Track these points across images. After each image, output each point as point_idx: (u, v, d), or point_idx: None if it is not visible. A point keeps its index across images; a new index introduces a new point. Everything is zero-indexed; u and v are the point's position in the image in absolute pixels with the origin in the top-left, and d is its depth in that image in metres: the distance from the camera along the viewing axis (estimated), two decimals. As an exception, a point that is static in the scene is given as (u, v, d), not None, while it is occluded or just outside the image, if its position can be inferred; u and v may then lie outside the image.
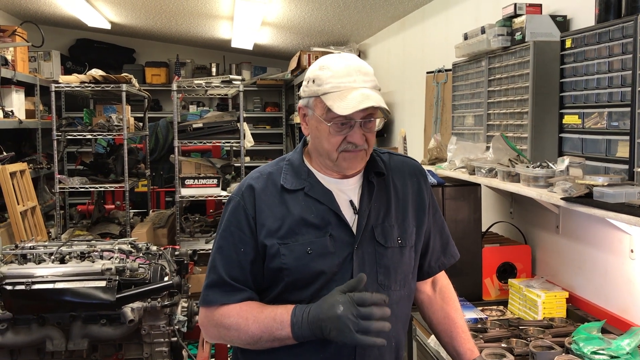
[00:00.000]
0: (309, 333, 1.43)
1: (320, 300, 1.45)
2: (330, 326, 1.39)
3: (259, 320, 1.49)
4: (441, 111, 4.03)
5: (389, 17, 5.23)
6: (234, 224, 1.58)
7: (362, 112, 1.49)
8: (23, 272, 2.88)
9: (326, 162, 1.59)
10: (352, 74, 1.51)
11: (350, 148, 1.53)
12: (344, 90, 1.49)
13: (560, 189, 2.08)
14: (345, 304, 1.38)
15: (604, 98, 2.10)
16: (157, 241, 5.43)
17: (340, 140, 1.52)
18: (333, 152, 1.54)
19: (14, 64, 5.43)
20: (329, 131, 1.52)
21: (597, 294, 2.50)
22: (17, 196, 4.91)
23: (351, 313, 1.37)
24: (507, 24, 2.71)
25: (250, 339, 1.51)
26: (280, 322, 1.46)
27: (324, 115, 1.52)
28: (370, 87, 1.52)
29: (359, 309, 1.37)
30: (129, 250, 3.17)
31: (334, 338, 1.39)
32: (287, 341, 1.47)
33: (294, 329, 1.44)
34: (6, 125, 5.13)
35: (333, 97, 1.49)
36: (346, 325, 1.37)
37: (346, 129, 1.52)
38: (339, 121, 1.50)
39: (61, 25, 7.63)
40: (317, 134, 1.57)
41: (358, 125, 1.52)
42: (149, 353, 3.04)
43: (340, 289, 1.43)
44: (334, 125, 1.51)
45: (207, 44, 8.05)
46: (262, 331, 1.48)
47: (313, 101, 1.56)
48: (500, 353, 2.09)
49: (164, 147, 7.55)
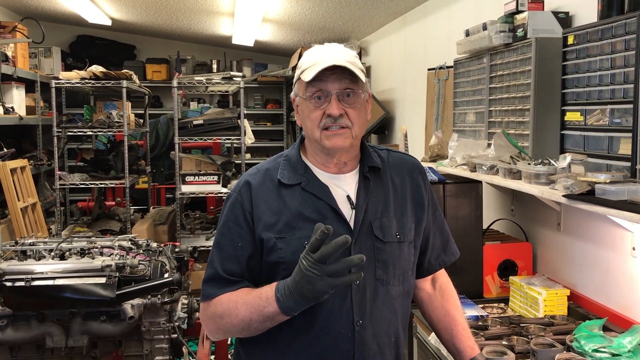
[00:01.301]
0: (292, 302, 1.43)
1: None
2: (303, 285, 1.39)
3: (247, 302, 1.51)
4: (442, 108, 4.03)
5: (390, 13, 5.22)
6: (232, 220, 1.60)
7: (338, 84, 1.55)
8: (23, 268, 2.88)
9: (315, 147, 1.62)
10: (330, 51, 1.59)
11: (329, 123, 1.56)
12: (318, 62, 1.55)
13: (561, 186, 2.07)
14: (303, 257, 1.40)
15: (606, 95, 2.09)
16: (157, 238, 5.43)
17: (320, 116, 1.57)
18: (315, 130, 1.58)
19: (15, 60, 5.42)
20: (309, 107, 1.58)
21: (599, 292, 2.49)
22: (18, 192, 4.90)
23: (309, 261, 1.37)
24: (508, 21, 2.70)
25: (241, 322, 1.52)
26: (265, 299, 1.47)
27: (304, 94, 1.59)
28: (344, 59, 1.56)
29: (312, 255, 1.37)
30: (129, 246, 3.16)
31: (313, 294, 1.39)
32: (277, 318, 1.47)
33: (280, 302, 1.45)
34: (7, 121, 5.12)
35: (307, 71, 1.56)
36: (312, 274, 1.37)
37: (324, 103, 1.57)
38: (315, 94, 1.56)
39: (62, 21, 7.62)
40: (303, 117, 1.63)
41: (335, 98, 1.56)
42: (149, 350, 3.04)
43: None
44: (312, 100, 1.57)
45: (207, 40, 8.04)
46: (250, 312, 1.49)
47: (297, 85, 1.63)
48: (501, 350, 2.08)
49: (164, 144, 7.55)
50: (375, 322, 1.58)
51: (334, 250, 1.35)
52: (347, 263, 1.37)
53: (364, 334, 1.56)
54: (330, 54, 1.56)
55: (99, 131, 5.45)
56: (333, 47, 1.61)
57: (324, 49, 1.60)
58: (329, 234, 1.35)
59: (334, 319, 1.54)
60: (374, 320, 1.57)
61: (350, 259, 1.37)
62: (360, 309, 1.55)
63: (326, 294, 1.40)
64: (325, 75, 1.54)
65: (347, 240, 1.34)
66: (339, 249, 1.35)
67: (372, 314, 1.57)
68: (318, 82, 1.55)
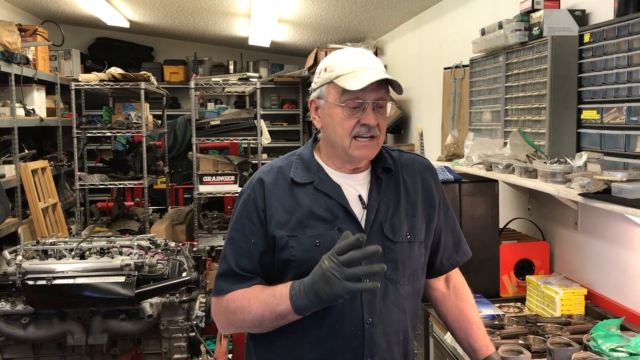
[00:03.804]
0: (306, 302, 1.44)
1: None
2: (321, 285, 1.40)
3: (260, 299, 1.52)
4: (458, 107, 4.01)
5: (406, 13, 5.22)
6: (245, 216, 1.61)
7: (376, 94, 1.54)
8: (44, 267, 2.92)
9: (339, 153, 1.61)
10: (363, 57, 1.57)
11: (363, 132, 1.55)
12: (357, 70, 1.53)
13: (578, 185, 2.06)
14: (326, 258, 1.40)
15: (623, 93, 2.08)
16: (175, 237, 5.47)
17: (354, 124, 1.55)
18: (346, 138, 1.57)
19: (35, 62, 5.50)
20: (342, 115, 1.56)
21: (616, 291, 2.48)
22: (39, 193, 4.99)
23: (333, 263, 1.38)
24: (524, 19, 2.69)
25: (254, 319, 1.53)
26: (279, 297, 1.48)
27: (337, 99, 1.56)
28: (381, 69, 1.56)
29: (339, 257, 1.38)
30: (147, 246, 3.19)
31: (329, 295, 1.40)
32: (289, 316, 1.49)
33: (293, 300, 1.46)
34: (28, 123, 5.20)
35: (347, 77, 1.53)
36: (332, 276, 1.38)
37: (359, 112, 1.55)
38: (353, 103, 1.54)
39: (81, 24, 7.72)
40: (329, 121, 1.60)
41: (371, 107, 1.55)
42: (167, 348, 3.07)
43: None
44: (347, 108, 1.55)
45: (224, 41, 8.08)
46: (263, 309, 1.50)
47: (326, 88, 1.59)
48: (517, 349, 2.08)
49: (182, 145, 7.61)
50: (384, 320, 1.59)
51: (362, 257, 1.37)
52: (368, 270, 1.38)
53: (373, 332, 1.57)
54: (367, 63, 1.55)
55: (117, 132, 5.51)
56: (365, 54, 1.59)
57: (356, 55, 1.58)
58: (362, 242, 1.36)
59: (344, 317, 1.55)
60: (383, 318, 1.58)
61: (371, 267, 1.38)
62: (370, 308, 1.57)
63: (341, 298, 1.41)
64: (367, 85, 1.52)
65: (377, 250, 1.36)
66: (367, 256, 1.37)
67: (381, 312, 1.58)
68: (357, 92, 1.53)
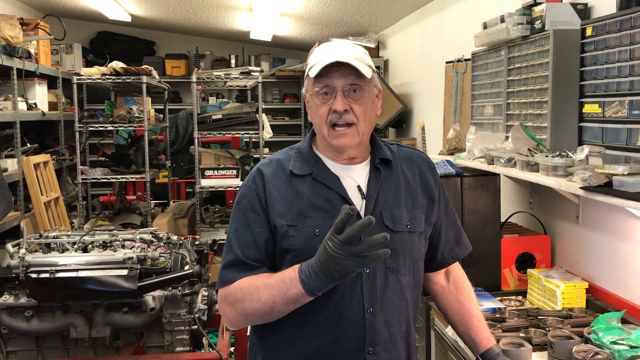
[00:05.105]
0: (318, 283, 1.43)
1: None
2: (330, 266, 1.40)
3: (269, 285, 1.52)
4: (460, 101, 4.01)
5: (408, 6, 5.21)
6: (248, 207, 1.62)
7: (344, 80, 1.56)
8: (47, 260, 2.93)
9: (325, 143, 1.65)
10: (333, 47, 1.61)
11: (335, 118, 1.58)
12: (324, 59, 1.57)
13: (579, 178, 2.07)
14: (328, 239, 1.40)
15: (624, 86, 2.08)
16: (177, 231, 5.48)
17: (327, 111, 1.59)
18: (324, 126, 1.60)
19: (37, 56, 5.50)
20: (317, 103, 1.61)
21: (617, 284, 2.48)
22: (41, 187, 5.00)
23: (335, 242, 1.37)
24: (526, 13, 2.68)
25: (264, 305, 1.52)
26: (289, 282, 1.48)
27: (312, 90, 1.62)
28: (350, 55, 1.57)
29: (338, 237, 1.37)
30: (150, 239, 3.20)
31: (341, 274, 1.40)
32: (302, 299, 1.48)
33: (304, 283, 1.45)
34: (30, 117, 5.21)
35: (313, 68, 1.59)
36: (340, 256, 1.37)
37: (331, 99, 1.59)
38: (321, 90, 1.59)
39: (82, 18, 7.71)
40: (311, 112, 1.66)
41: (340, 94, 1.57)
42: (170, 341, 3.08)
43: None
44: (319, 96, 1.60)
45: (226, 35, 8.07)
46: (273, 295, 1.50)
47: (306, 81, 1.66)
48: (518, 342, 2.09)
49: (184, 139, 7.61)
50: (386, 310, 1.59)
51: (358, 232, 1.36)
52: (372, 242, 1.37)
53: (374, 321, 1.57)
54: (336, 51, 1.57)
55: (119, 126, 5.52)
56: (341, 44, 1.63)
57: (331, 46, 1.62)
58: (353, 214, 1.36)
59: (345, 306, 1.56)
60: (384, 308, 1.59)
61: (374, 238, 1.36)
62: (370, 297, 1.57)
63: (354, 273, 1.42)
64: (332, 71, 1.56)
65: (371, 221, 1.35)
66: (363, 229, 1.35)
67: (382, 301, 1.59)
68: (324, 79, 1.58)
